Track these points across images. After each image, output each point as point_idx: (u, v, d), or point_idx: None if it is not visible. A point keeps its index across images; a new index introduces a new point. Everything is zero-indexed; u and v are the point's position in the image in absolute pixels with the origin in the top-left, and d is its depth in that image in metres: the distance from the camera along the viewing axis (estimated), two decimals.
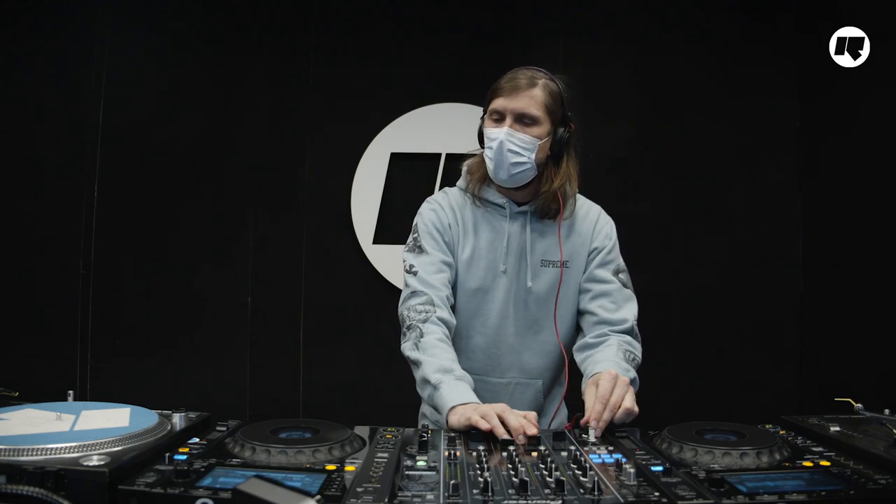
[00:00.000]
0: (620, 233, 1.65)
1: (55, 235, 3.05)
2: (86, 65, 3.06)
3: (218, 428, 1.16)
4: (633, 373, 1.43)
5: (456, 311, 1.57)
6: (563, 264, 1.57)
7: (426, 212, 1.62)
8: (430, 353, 1.40)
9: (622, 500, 0.84)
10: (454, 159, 2.79)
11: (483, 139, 1.55)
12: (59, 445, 0.91)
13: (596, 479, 0.88)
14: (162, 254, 3.07)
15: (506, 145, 1.48)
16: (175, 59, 3.13)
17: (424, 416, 1.68)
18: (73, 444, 0.92)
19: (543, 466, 0.97)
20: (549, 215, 1.57)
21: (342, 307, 3.05)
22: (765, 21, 3.00)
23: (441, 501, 0.84)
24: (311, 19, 3.10)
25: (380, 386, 2.90)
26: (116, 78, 3.08)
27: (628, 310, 1.56)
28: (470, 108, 2.90)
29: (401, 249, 1.62)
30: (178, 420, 1.13)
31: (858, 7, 2.56)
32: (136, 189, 3.08)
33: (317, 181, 3.08)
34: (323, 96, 3.09)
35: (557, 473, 0.92)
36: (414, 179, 3.02)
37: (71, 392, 1.29)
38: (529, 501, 0.84)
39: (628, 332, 1.53)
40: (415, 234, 1.60)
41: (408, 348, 1.45)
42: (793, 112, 2.97)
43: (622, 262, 1.62)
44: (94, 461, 0.87)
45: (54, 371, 2.98)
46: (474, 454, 1.06)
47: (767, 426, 1.25)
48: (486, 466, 0.96)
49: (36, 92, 3.09)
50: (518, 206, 1.58)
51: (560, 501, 0.84)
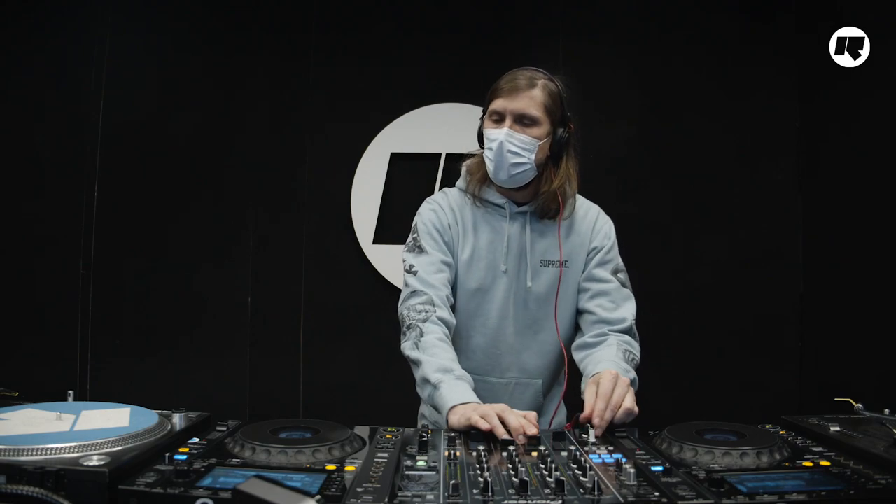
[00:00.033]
0: (620, 233, 1.65)
1: (55, 235, 3.05)
2: (86, 65, 3.07)
3: (218, 428, 1.16)
4: (632, 373, 1.43)
5: (456, 311, 1.57)
6: (562, 264, 1.57)
7: (426, 212, 1.62)
8: (430, 352, 1.40)
9: (622, 500, 0.84)
10: (454, 159, 2.79)
11: (483, 140, 1.55)
12: (59, 445, 0.91)
13: (596, 479, 0.88)
14: (162, 254, 3.07)
15: (505, 146, 1.48)
16: (175, 59, 3.13)
17: (423, 416, 1.68)
18: (73, 444, 0.92)
19: (543, 466, 0.97)
20: (549, 215, 1.57)
21: (342, 307, 3.05)
22: (765, 21, 3.00)
23: (441, 501, 0.84)
24: (311, 19, 3.10)
25: (380, 386, 2.90)
26: (116, 78, 3.08)
27: (627, 309, 1.56)
28: (470, 108, 2.90)
29: (401, 249, 1.62)
30: (178, 420, 1.13)
31: (858, 7, 2.56)
32: (136, 189, 3.08)
33: (317, 181, 3.08)
34: (323, 96, 3.09)
35: (557, 473, 0.92)
36: (414, 179, 3.02)
37: (71, 392, 1.29)
38: (529, 501, 0.84)
39: (627, 331, 1.53)
40: (414, 234, 1.60)
41: (408, 348, 1.45)
42: (793, 112, 2.97)
43: (621, 262, 1.62)
44: (94, 461, 0.87)
45: (54, 371, 2.98)
46: (474, 454, 1.06)
47: (767, 426, 1.25)
48: (486, 466, 0.96)
49: (36, 92, 3.09)
50: (518, 206, 1.58)
51: (560, 501, 0.84)
